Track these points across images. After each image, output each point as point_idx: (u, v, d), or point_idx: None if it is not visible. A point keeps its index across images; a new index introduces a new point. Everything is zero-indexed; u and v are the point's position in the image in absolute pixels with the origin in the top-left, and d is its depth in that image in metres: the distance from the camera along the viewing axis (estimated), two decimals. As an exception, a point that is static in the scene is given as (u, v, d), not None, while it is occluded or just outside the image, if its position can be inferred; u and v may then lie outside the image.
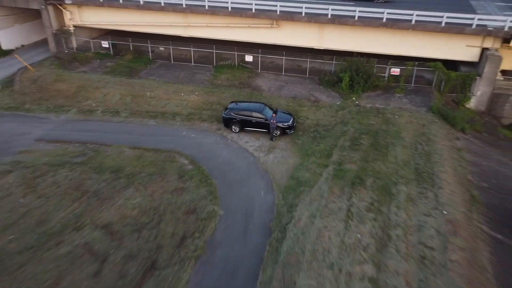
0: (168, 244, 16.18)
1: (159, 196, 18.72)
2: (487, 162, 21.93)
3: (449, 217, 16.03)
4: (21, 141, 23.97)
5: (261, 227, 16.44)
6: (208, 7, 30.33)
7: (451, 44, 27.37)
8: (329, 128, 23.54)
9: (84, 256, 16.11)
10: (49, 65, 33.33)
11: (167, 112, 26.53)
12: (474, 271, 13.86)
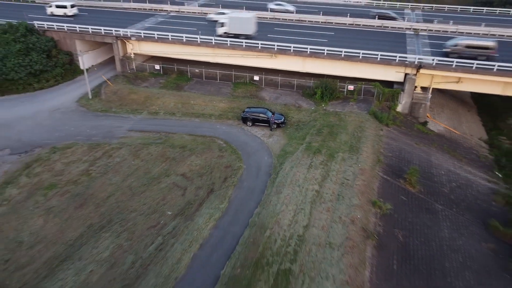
0: (218, 181, 31.02)
1: (209, 159, 33.60)
2: (397, 143, 36.82)
3: (361, 167, 30.85)
4: (118, 131, 38.91)
5: (265, 173, 31.27)
6: (229, 44, 45.22)
7: (385, 70, 42.26)
8: (305, 123, 38.44)
9: (174, 188, 30.95)
10: (121, 81, 48.29)
11: (205, 113, 41.45)
12: (366, 189, 28.67)
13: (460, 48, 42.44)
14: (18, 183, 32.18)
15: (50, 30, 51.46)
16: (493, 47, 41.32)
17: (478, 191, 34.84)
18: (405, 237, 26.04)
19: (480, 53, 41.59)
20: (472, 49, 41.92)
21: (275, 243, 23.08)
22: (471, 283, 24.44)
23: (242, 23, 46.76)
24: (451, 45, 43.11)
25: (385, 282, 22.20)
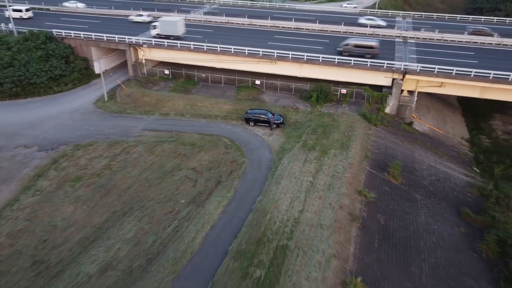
0: (224, 174, 35.14)
1: (216, 155, 37.73)
2: (384, 141, 40.97)
3: (350, 162, 34.98)
4: (134, 130, 43.07)
5: (266, 167, 35.39)
6: (233, 51, 49.37)
7: (375, 76, 46.40)
8: (302, 123, 42.60)
9: (186, 180, 35.08)
10: (134, 85, 52.46)
11: (212, 114, 45.62)
12: (354, 180, 32.80)
13: (350, 48, 48.58)
14: (48, 176, 36.37)
15: (68, 37, 55.64)
16: (376, 47, 47.58)
17: (455, 184, 39.00)
18: (386, 220, 30.17)
19: (366, 52, 47.71)
20: (360, 48, 48.15)
21: (275, 224, 27.19)
22: (441, 259, 28.57)
23: (171, 26, 53.23)
24: (343, 44, 49.15)
25: (366, 256, 26.31)
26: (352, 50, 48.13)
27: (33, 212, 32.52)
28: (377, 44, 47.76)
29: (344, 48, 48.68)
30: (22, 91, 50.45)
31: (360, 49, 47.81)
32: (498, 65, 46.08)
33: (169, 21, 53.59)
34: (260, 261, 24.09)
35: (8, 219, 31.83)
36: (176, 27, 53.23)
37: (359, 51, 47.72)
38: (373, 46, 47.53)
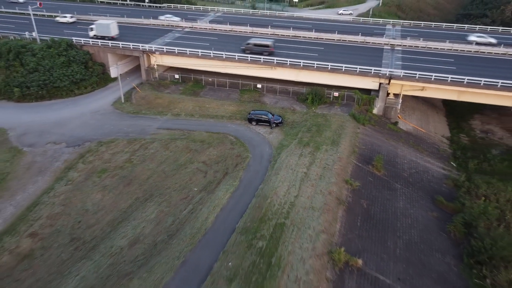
0: (230, 166, 40.28)
1: (223, 150, 42.87)
2: (370, 138, 46.12)
3: (339, 156, 40.10)
4: (149, 129, 48.20)
5: (267, 160, 40.52)
6: (237, 58, 54.50)
7: (363, 80, 51.53)
8: (298, 123, 47.74)
9: (197, 172, 40.22)
10: (147, 88, 57.62)
11: (218, 115, 50.76)
12: (342, 171, 37.94)
13: (251, 46, 56.55)
14: (77, 169, 41.57)
15: (86, 45, 60.78)
16: (271, 45, 56.05)
17: (432, 176, 44.20)
18: (368, 205, 35.32)
19: (263, 50, 55.97)
20: (258, 46, 56.05)
21: (274, 207, 32.31)
22: (414, 237, 33.72)
23: (104, 28, 61.28)
24: (246, 44, 57.23)
25: (350, 232, 31.44)
26: (252, 49, 56.35)
27: (67, 198, 37.71)
28: (271, 43, 56.54)
29: (246, 46, 56.90)
30: (47, 93, 55.61)
31: (259, 47, 56.16)
32: (475, 71, 51.25)
33: (103, 24, 61.81)
34: (262, 235, 29.22)
35: (46, 204, 37.03)
36: (109, 29, 61.34)
37: (258, 49, 56.05)
38: (269, 45, 56.03)
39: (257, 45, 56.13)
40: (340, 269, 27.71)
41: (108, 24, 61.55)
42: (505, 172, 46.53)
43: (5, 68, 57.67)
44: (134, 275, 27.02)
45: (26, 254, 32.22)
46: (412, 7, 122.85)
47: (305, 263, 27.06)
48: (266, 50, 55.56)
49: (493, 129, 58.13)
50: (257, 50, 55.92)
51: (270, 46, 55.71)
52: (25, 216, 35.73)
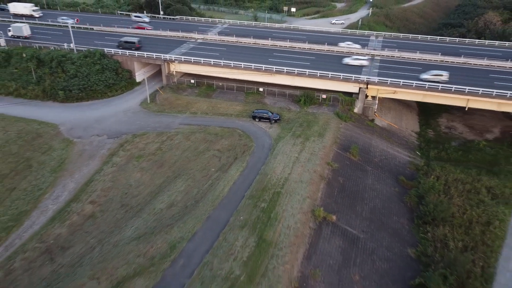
0: (239, 153, 50.92)
1: (233, 142, 53.53)
2: (350, 132, 56.78)
3: (324, 145, 50.73)
4: (173, 124, 58.84)
5: (267, 148, 51.14)
6: (243, 66, 65.15)
7: (346, 85, 62.12)
8: (293, 120, 58.39)
9: (213, 157, 50.89)
10: (168, 91, 68.31)
11: (228, 113, 61.39)
12: (325, 156, 48.56)
13: (123, 43, 73.09)
14: (119, 155, 52.24)
15: (116, 54, 71.43)
16: (136, 42, 72.59)
17: (399, 162, 54.89)
18: (344, 181, 45.99)
19: (131, 46, 72.52)
20: (128, 43, 72.83)
21: (272, 181, 42.91)
22: (378, 205, 44.39)
23: (19, 29, 78.37)
24: (119, 41, 73.75)
25: (328, 199, 42.09)
26: (124, 45, 72.89)
27: (114, 177, 48.43)
28: (137, 40, 73.01)
29: (119, 43, 73.50)
30: (86, 95, 66.28)
31: (128, 44, 72.70)
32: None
33: (17, 26, 78.77)
34: (264, 199, 39.90)
35: (98, 181, 47.75)
36: (22, 30, 78.42)
37: (128, 45, 72.61)
38: (135, 42, 72.72)
39: (127, 42, 73.09)
40: (319, 221, 38.44)
41: (21, 26, 78.66)
42: (458, 159, 57.29)
43: (50, 74, 68.33)
44: (173, 226, 37.73)
45: (89, 215, 42.97)
46: (399, 16, 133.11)
47: (294, 217, 37.79)
48: (133, 46, 72.58)
49: (455, 126, 68.76)
50: (128, 46, 72.76)
51: (136, 43, 72.69)
52: (84, 189, 46.49)
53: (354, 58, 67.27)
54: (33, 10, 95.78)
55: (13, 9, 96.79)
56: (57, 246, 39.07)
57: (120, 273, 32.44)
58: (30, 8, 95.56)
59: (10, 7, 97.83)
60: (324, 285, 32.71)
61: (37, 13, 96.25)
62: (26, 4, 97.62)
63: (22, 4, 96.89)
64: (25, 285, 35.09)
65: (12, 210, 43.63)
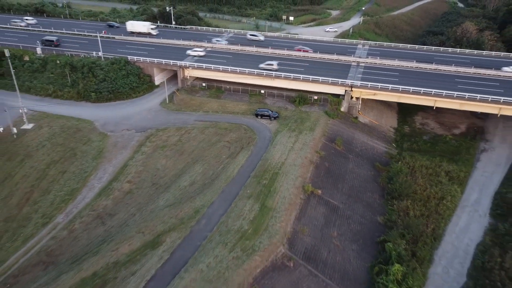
0: (245, 144, 61.56)
1: (240, 135, 64.20)
2: (337, 127, 67.48)
3: (314, 137, 61.39)
4: (189, 121, 69.56)
5: (268, 140, 61.75)
6: (247, 72, 75.82)
7: (334, 88, 72.77)
8: (289, 117, 69.06)
9: (224, 147, 61.58)
10: (183, 93, 79.02)
11: (235, 112, 72.06)
12: (315, 146, 59.17)
13: (45, 41, 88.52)
14: (146, 145, 62.93)
15: (138, 61, 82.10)
16: (55, 40, 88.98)
17: (376, 152, 65.59)
18: (329, 165, 56.66)
19: (50, 44, 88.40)
20: (47, 41, 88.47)
21: (272, 164, 53.53)
22: (356, 184, 55.08)
23: None
24: (41, 40, 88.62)
25: (316, 178, 52.73)
26: (45, 43, 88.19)
27: (144, 162, 59.13)
28: (56, 39, 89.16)
29: (41, 41, 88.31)
30: (114, 96, 76.95)
31: (48, 42, 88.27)
32: (412, 82, 72.20)
33: None
34: (265, 178, 50.55)
35: (132, 166, 58.44)
36: None
37: (48, 43, 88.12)
38: (53, 40, 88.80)
39: (48, 41, 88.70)
40: (308, 194, 49.17)
41: None
42: (426, 150, 67.97)
43: (82, 79, 79.02)
44: (196, 197, 48.40)
45: (127, 191, 53.67)
46: (388, 24, 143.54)
47: (289, 190, 48.49)
48: (52, 43, 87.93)
49: (428, 122, 79.44)
50: (48, 43, 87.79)
51: (54, 41, 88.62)
52: (121, 172, 57.21)
53: None
54: (151, 29, 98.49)
55: (130, 27, 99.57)
56: (106, 213, 49.83)
57: (159, 229, 43.17)
58: (148, 27, 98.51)
59: (127, 25, 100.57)
60: (310, 238, 43.43)
61: (155, 31, 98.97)
62: (145, 22, 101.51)
63: (141, 23, 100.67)
64: (85, 240, 45.82)
65: (66, 188, 54.38)
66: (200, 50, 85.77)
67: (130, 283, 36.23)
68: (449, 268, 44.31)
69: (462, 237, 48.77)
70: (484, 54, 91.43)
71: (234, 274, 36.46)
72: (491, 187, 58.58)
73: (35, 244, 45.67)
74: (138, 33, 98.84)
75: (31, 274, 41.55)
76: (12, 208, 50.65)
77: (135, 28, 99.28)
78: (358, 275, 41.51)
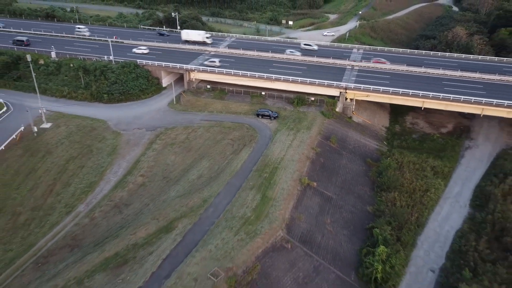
0: (247, 141, 66.59)
1: (242, 133, 69.26)
2: (332, 126, 72.56)
3: (310, 135, 66.44)
4: (195, 120, 74.63)
5: (268, 138, 66.72)
6: (249, 75, 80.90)
7: (330, 90, 77.82)
8: (288, 117, 74.12)
9: (228, 144, 66.62)
10: (189, 94, 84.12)
11: (237, 112, 77.13)
12: (311, 143, 64.21)
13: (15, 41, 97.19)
14: (156, 143, 68.02)
15: (146, 65, 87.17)
16: (25, 41, 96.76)
17: (368, 149, 70.65)
18: (324, 161, 61.72)
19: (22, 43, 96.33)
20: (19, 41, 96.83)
21: (272, 160, 58.57)
22: (349, 178, 60.15)
23: None
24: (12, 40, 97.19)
25: (312, 172, 57.78)
26: (16, 42, 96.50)
27: (155, 158, 64.19)
28: (26, 39, 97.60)
29: (13, 41, 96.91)
30: (124, 98, 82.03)
31: (19, 41, 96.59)
32: (402, 84, 77.25)
33: None
34: (266, 171, 55.59)
35: (144, 161, 63.51)
36: None
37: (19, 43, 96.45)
38: (24, 40, 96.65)
39: (18, 41, 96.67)
40: (304, 186, 54.22)
41: None
42: (415, 147, 73.03)
43: (95, 81, 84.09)
44: (203, 188, 53.46)
45: (141, 184, 58.75)
46: (383, 28, 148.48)
47: (287, 183, 53.53)
48: (23, 43, 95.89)
49: (418, 122, 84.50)
50: (18, 43, 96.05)
51: (25, 41, 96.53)
52: (134, 167, 62.29)
53: None
54: (206, 37, 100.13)
55: (186, 36, 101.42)
56: (122, 203, 54.91)
57: (171, 216, 48.25)
58: (203, 35, 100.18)
59: (182, 34, 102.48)
60: (305, 224, 48.50)
61: (210, 40, 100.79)
62: (200, 31, 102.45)
63: (196, 32, 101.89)
64: (105, 226, 50.89)
65: (85, 181, 59.47)
66: (144, 48, 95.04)
67: (148, 261, 41.27)
68: (430, 251, 49.35)
69: (443, 224, 53.79)
70: (471, 58, 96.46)
71: (239, 254, 41.49)
72: (473, 181, 63.62)
73: (61, 230, 50.74)
74: (193, 41, 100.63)
75: (59, 256, 46.62)
76: (37, 198, 55.73)
77: (190, 37, 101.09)
78: (348, 257, 46.57)
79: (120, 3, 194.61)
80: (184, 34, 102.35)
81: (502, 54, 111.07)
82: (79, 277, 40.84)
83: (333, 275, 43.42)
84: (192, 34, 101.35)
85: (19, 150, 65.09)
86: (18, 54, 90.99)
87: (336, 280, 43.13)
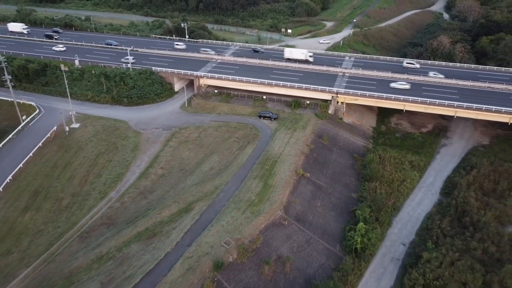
0: (251, 139, 76.30)
1: (246, 132, 78.96)
2: (324, 126, 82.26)
3: (305, 134, 76.17)
4: (205, 121, 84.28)
5: (269, 136, 76.40)
6: (252, 81, 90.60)
7: (323, 94, 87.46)
8: (286, 118, 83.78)
9: (234, 142, 76.28)
10: (199, 98, 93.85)
11: (242, 114, 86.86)
12: (305, 141, 73.85)
13: None
14: (172, 140, 77.74)
15: (161, 72, 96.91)
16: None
17: (356, 146, 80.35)
18: (317, 155, 71.39)
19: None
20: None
21: (272, 154, 68.17)
22: (337, 170, 69.85)
23: None
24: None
25: (306, 165, 67.42)
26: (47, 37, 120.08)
27: (171, 153, 73.88)
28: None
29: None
30: (142, 101, 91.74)
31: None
32: (389, 90, 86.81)
33: None
34: (267, 164, 65.23)
35: (162, 156, 73.17)
36: None
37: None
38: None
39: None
40: (299, 176, 63.90)
41: None
42: (397, 145, 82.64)
43: (115, 86, 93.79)
44: (215, 178, 63.14)
45: (161, 175, 68.43)
46: (375, 35, 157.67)
47: (285, 173, 63.21)
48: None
49: (402, 122, 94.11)
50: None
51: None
52: (155, 161, 71.98)
53: None
54: (309, 56, 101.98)
55: (289, 54, 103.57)
56: (146, 190, 64.61)
57: (189, 199, 57.94)
58: (306, 54, 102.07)
59: (285, 52, 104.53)
60: (300, 206, 58.17)
61: (312, 58, 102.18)
62: (303, 50, 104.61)
63: (299, 51, 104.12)
64: (133, 209, 60.58)
65: (114, 172, 69.17)
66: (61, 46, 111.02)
67: (173, 234, 50.96)
68: (403, 229, 58.99)
69: (416, 208, 63.42)
70: (450, 65, 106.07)
71: (246, 228, 51.16)
72: (445, 173, 73.24)
73: (97, 212, 60.43)
74: (295, 60, 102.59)
75: (98, 231, 56.31)
76: (75, 187, 65.45)
77: (293, 55, 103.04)
78: (334, 232, 56.23)
79: (129, 10, 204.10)
80: (288, 52, 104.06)
81: (482, 61, 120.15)
82: (118, 246, 50.56)
83: (321, 246, 53.08)
84: (296, 53, 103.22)
85: (54, 147, 74.82)
86: (45, 62, 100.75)
87: (324, 250, 52.79)
